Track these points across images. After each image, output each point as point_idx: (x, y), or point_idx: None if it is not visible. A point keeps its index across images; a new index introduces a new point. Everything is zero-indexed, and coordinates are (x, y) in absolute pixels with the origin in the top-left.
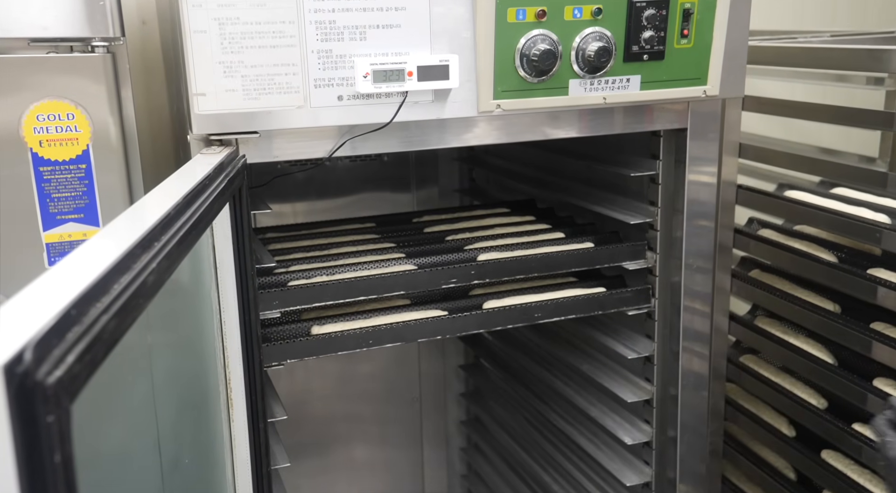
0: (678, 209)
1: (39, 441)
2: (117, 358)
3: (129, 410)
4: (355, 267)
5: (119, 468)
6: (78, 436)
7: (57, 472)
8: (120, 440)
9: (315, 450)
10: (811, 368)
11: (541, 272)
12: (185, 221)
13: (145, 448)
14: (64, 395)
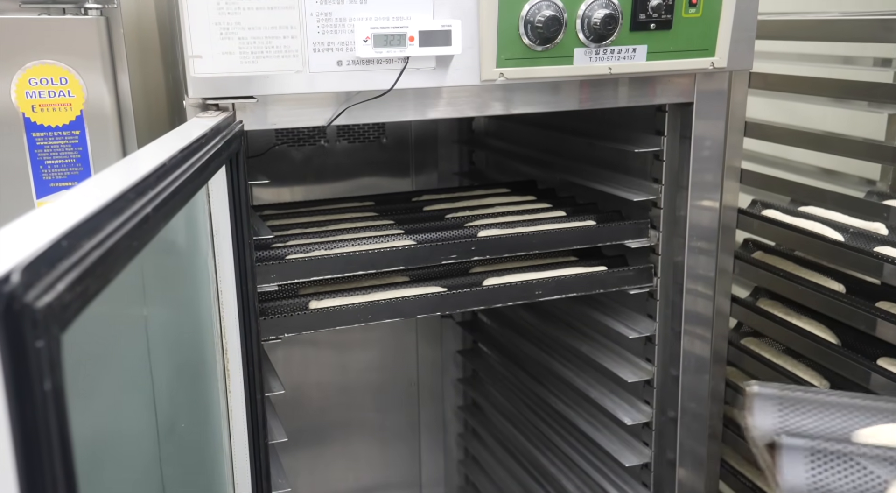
0: (682, 186)
1: (29, 368)
2: (111, 308)
3: (123, 366)
4: (354, 242)
5: (114, 425)
6: (72, 387)
7: (47, 401)
8: (114, 395)
9: (312, 437)
10: (815, 348)
11: (542, 249)
12: (181, 174)
13: (140, 406)
14: (54, 323)
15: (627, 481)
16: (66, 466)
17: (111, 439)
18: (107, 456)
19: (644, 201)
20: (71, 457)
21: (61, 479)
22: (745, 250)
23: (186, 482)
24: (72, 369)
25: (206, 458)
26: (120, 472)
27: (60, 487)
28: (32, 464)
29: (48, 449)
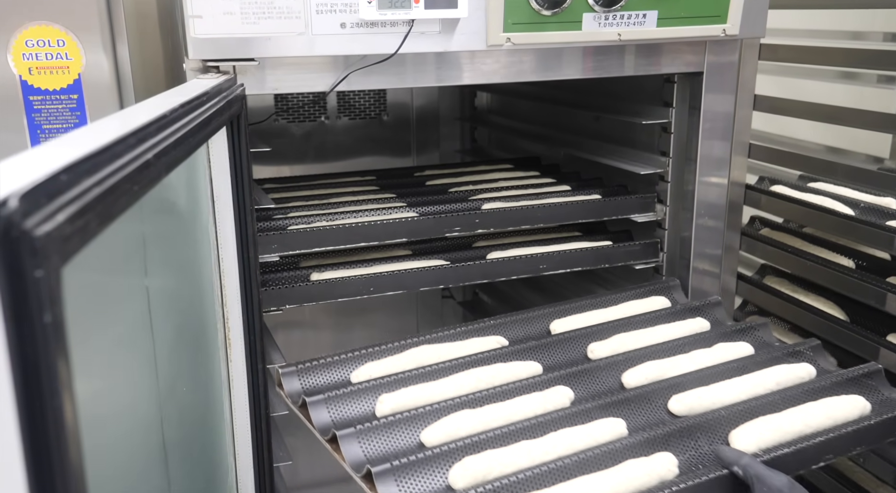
0: (691, 159)
1: (28, 298)
2: (112, 263)
3: (123, 321)
4: (356, 215)
5: (114, 378)
6: (74, 338)
7: (48, 334)
8: (114, 350)
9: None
10: (822, 324)
11: (547, 223)
12: (182, 126)
13: (141, 363)
14: (54, 254)
15: None
16: (65, 399)
17: (112, 393)
18: (107, 410)
19: (651, 175)
20: (72, 391)
21: (61, 411)
22: (751, 228)
23: (187, 445)
24: (72, 319)
25: (207, 424)
26: (120, 426)
27: (60, 419)
28: (31, 397)
29: (49, 382)
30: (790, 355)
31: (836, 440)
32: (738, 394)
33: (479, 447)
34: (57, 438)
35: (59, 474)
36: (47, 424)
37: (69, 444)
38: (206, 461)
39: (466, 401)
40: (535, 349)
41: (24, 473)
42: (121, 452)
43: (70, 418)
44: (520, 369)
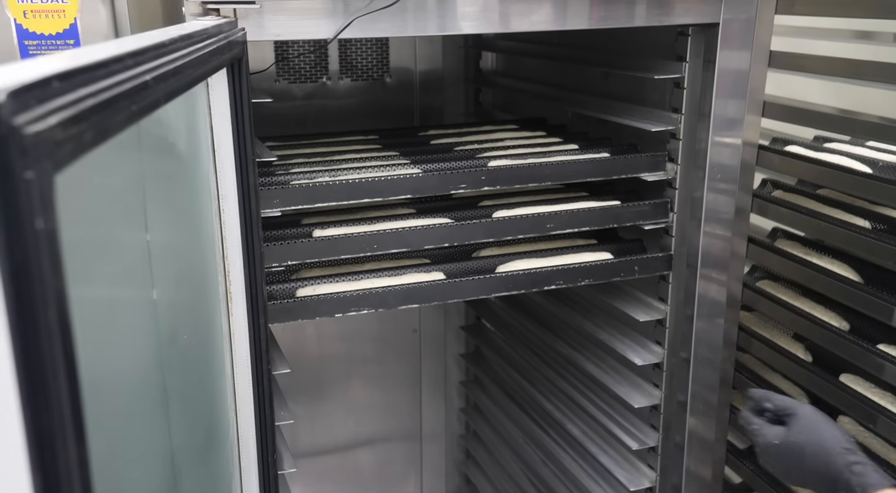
0: (704, 115)
1: (18, 201)
2: (110, 194)
3: (122, 259)
4: (359, 171)
5: (113, 319)
6: (72, 273)
7: (40, 242)
8: (114, 290)
9: (312, 386)
10: (835, 286)
11: (554, 181)
12: (181, 56)
13: (140, 303)
14: (45, 157)
15: (635, 423)
16: (60, 311)
17: (110, 329)
18: (105, 348)
19: (662, 134)
20: (66, 303)
21: (55, 323)
22: (762, 190)
23: (188, 395)
24: (68, 249)
25: (209, 377)
26: (119, 364)
27: (53, 330)
28: (23, 306)
29: (41, 291)
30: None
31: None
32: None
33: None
34: (51, 351)
35: (53, 387)
36: (40, 335)
37: (64, 358)
38: (206, 414)
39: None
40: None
41: (16, 390)
42: (119, 391)
43: (65, 330)
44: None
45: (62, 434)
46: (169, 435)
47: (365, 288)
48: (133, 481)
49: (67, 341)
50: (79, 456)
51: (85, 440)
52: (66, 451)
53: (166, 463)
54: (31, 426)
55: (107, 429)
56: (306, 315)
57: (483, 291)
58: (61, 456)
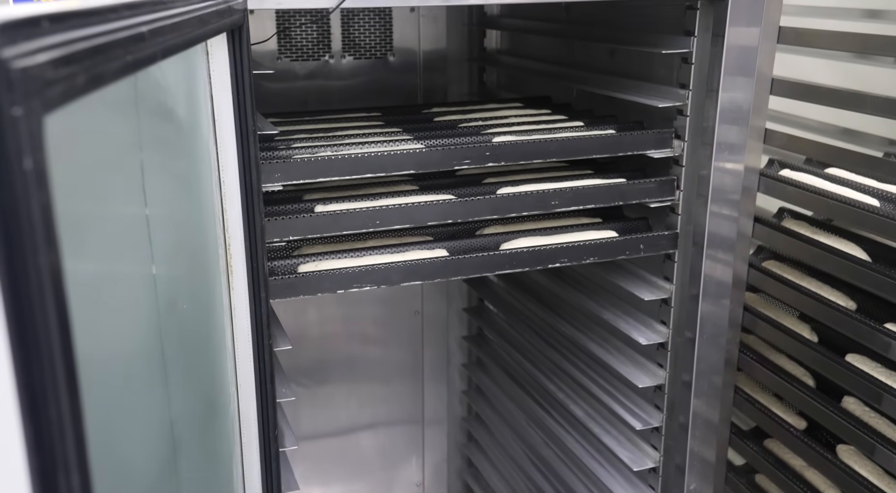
0: (713, 90)
1: (5, 137)
2: (105, 150)
3: (119, 223)
4: (362, 146)
5: (108, 279)
6: (66, 232)
7: (28, 183)
8: (110, 253)
9: (314, 370)
10: (843, 265)
11: (560, 157)
12: (179, 14)
13: (137, 265)
14: (34, 95)
15: (639, 404)
16: (51, 261)
17: (105, 290)
18: (101, 308)
19: (668, 111)
20: (57, 250)
21: (46, 269)
22: (769, 169)
23: (188, 365)
24: (61, 203)
25: (209, 350)
26: (115, 327)
27: (43, 279)
28: (11, 250)
29: (30, 235)
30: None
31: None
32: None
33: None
34: (41, 299)
35: (44, 338)
36: (30, 280)
37: (56, 309)
38: (206, 386)
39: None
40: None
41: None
42: (115, 352)
43: (56, 279)
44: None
45: (54, 391)
46: (168, 404)
47: (367, 264)
48: (132, 446)
49: (59, 291)
50: (72, 413)
51: (78, 396)
52: (58, 408)
53: (165, 432)
54: (22, 383)
55: (101, 390)
56: (308, 291)
57: (487, 268)
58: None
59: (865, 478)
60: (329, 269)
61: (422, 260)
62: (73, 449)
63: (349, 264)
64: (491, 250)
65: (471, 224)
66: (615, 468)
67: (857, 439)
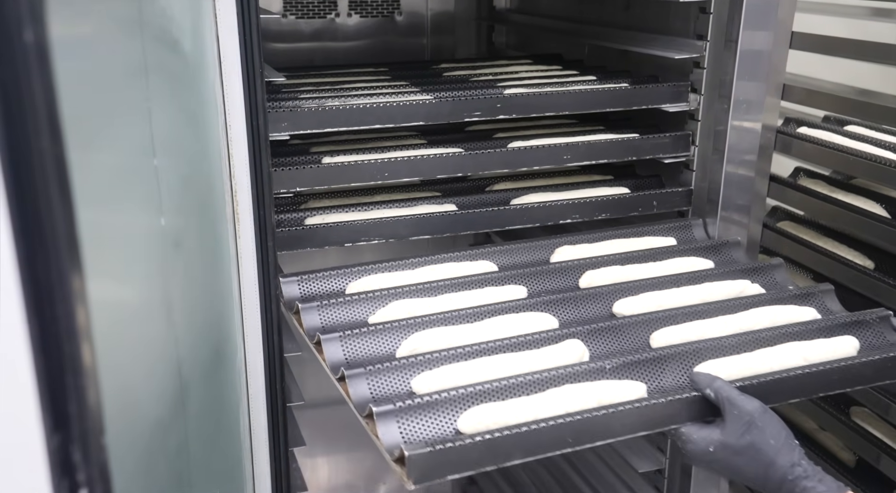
0: (731, 41)
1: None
2: (111, 70)
3: (125, 148)
4: (370, 97)
5: (115, 208)
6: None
7: (28, 55)
8: (116, 175)
9: None
10: (861, 222)
11: (572, 110)
12: None
13: (144, 196)
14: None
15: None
16: (52, 138)
17: (111, 218)
18: (106, 233)
19: (685, 63)
20: (59, 127)
21: (48, 152)
22: (786, 127)
23: (194, 306)
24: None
25: (215, 294)
26: (120, 255)
27: (45, 157)
28: (13, 127)
29: (33, 114)
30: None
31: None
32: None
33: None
34: (44, 181)
35: (48, 220)
36: (31, 158)
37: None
38: (213, 332)
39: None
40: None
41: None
42: (122, 282)
43: (60, 161)
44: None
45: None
46: (175, 343)
47: (375, 218)
48: (140, 378)
49: (62, 173)
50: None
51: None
52: (67, 315)
53: (173, 370)
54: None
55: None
56: (315, 243)
57: (497, 223)
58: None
59: (880, 439)
60: (336, 221)
61: (431, 214)
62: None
63: (357, 217)
64: (501, 205)
65: (480, 181)
66: (620, 469)
67: (872, 399)
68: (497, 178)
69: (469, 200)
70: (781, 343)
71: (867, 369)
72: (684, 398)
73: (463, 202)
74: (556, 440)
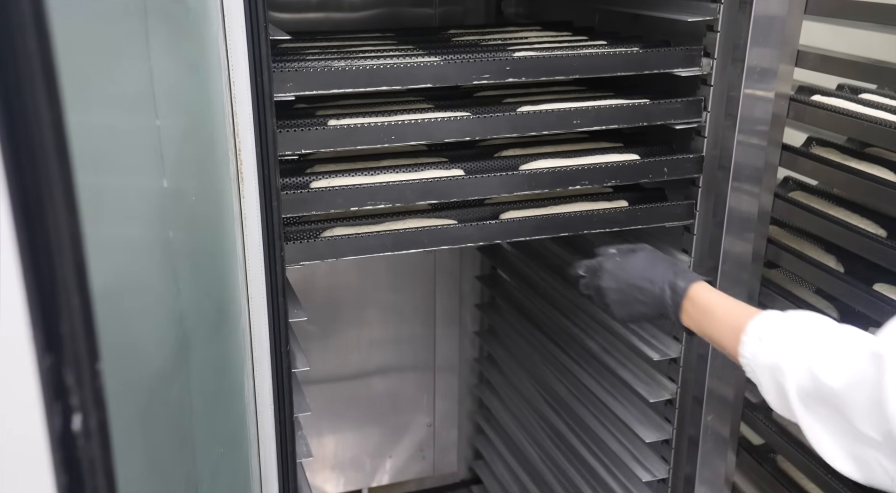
0: (746, 2)
1: None
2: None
3: (124, 89)
4: (377, 60)
5: (113, 149)
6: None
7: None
8: (114, 119)
9: (325, 315)
10: (874, 189)
11: (583, 74)
12: None
13: (144, 140)
14: None
15: (657, 335)
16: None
17: (110, 159)
18: (105, 178)
19: (697, 27)
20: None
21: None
22: (800, 95)
23: (196, 260)
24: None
25: (218, 249)
26: (121, 201)
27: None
28: None
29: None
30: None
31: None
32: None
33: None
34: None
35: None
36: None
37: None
38: (217, 289)
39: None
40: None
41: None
42: (119, 227)
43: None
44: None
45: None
46: (177, 294)
47: (382, 181)
48: (138, 322)
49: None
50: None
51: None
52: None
53: (175, 322)
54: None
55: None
56: (320, 207)
57: (505, 188)
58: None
59: None
60: (342, 185)
61: (438, 178)
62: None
63: (363, 181)
64: (510, 170)
65: (488, 147)
66: (630, 401)
67: None
68: (505, 144)
69: (477, 166)
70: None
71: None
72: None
73: (471, 168)
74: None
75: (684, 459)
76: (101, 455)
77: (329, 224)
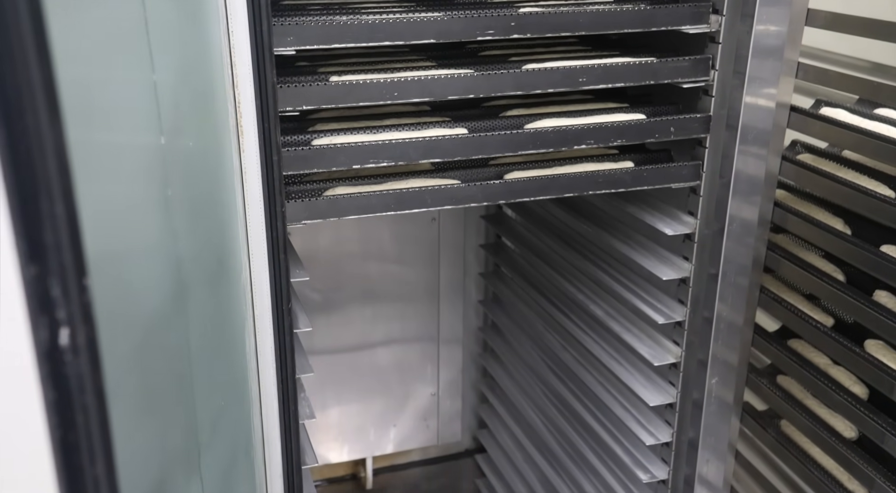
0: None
1: None
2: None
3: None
4: (380, 14)
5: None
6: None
7: None
8: (106, 57)
9: (329, 289)
10: (883, 148)
11: (589, 30)
12: None
13: (135, 83)
14: None
15: (662, 299)
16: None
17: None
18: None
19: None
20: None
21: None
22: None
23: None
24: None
25: (217, 198)
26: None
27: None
28: None
29: None
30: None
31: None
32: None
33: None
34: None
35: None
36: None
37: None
38: (215, 239)
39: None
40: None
41: None
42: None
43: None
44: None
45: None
46: (174, 238)
47: (384, 139)
48: (132, 254)
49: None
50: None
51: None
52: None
53: (172, 264)
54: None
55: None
56: (322, 164)
57: (510, 147)
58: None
59: (894, 370)
60: (345, 142)
61: (441, 137)
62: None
63: (365, 138)
64: (514, 129)
65: (493, 107)
66: (635, 365)
67: (889, 330)
68: (510, 104)
69: (481, 125)
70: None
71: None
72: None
73: (475, 127)
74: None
75: (688, 423)
76: (91, 373)
77: (331, 184)
